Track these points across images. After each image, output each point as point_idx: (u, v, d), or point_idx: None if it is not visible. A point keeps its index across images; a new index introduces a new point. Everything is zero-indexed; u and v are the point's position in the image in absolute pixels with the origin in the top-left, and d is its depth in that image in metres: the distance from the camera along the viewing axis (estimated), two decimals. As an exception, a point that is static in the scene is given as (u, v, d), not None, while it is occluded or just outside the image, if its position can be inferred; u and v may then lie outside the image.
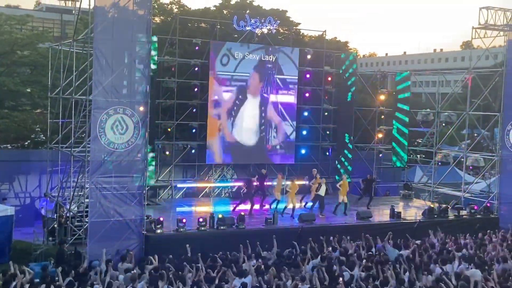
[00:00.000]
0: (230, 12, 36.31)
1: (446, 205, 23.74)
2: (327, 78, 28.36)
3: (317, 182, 22.52)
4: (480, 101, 27.61)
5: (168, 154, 25.65)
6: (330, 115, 28.77)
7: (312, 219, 20.67)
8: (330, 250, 16.92)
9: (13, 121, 27.58)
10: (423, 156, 35.14)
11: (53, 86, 22.20)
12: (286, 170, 26.77)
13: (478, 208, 23.39)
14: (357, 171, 27.36)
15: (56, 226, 19.12)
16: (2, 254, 18.01)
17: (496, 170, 24.83)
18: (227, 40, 27.49)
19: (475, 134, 34.06)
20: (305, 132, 27.98)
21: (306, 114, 27.95)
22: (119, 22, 17.28)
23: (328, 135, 28.94)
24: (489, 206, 23.56)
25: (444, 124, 28.09)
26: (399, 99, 28.64)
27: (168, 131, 25.60)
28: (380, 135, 29.30)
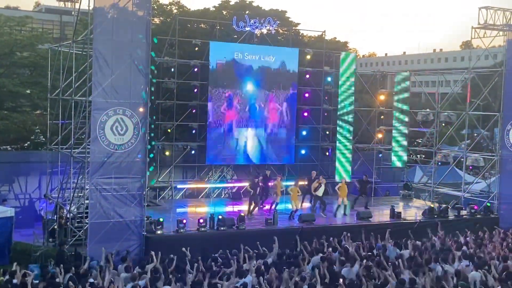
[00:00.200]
0: (229, 12, 36.37)
1: (446, 205, 23.75)
2: (327, 78, 28.35)
3: (317, 182, 22.54)
4: (479, 101, 27.62)
5: (168, 154, 25.71)
6: (330, 115, 28.78)
7: (312, 219, 20.68)
8: (330, 250, 16.88)
9: (12, 122, 27.62)
10: (423, 156, 35.17)
11: (52, 87, 22.20)
12: (286, 171, 26.77)
13: (478, 208, 23.41)
14: (357, 171, 27.35)
15: (56, 227, 19.06)
16: (2, 256, 18.03)
17: (496, 170, 24.84)
18: (227, 40, 27.46)
19: (475, 134, 34.10)
20: (305, 132, 27.94)
21: (306, 114, 27.96)
22: (119, 23, 17.28)
23: (328, 135, 28.94)
24: (489, 206, 23.56)
25: (444, 124, 28.05)
26: (399, 99, 28.64)
27: (168, 132, 25.62)
28: (380, 135, 29.25)
